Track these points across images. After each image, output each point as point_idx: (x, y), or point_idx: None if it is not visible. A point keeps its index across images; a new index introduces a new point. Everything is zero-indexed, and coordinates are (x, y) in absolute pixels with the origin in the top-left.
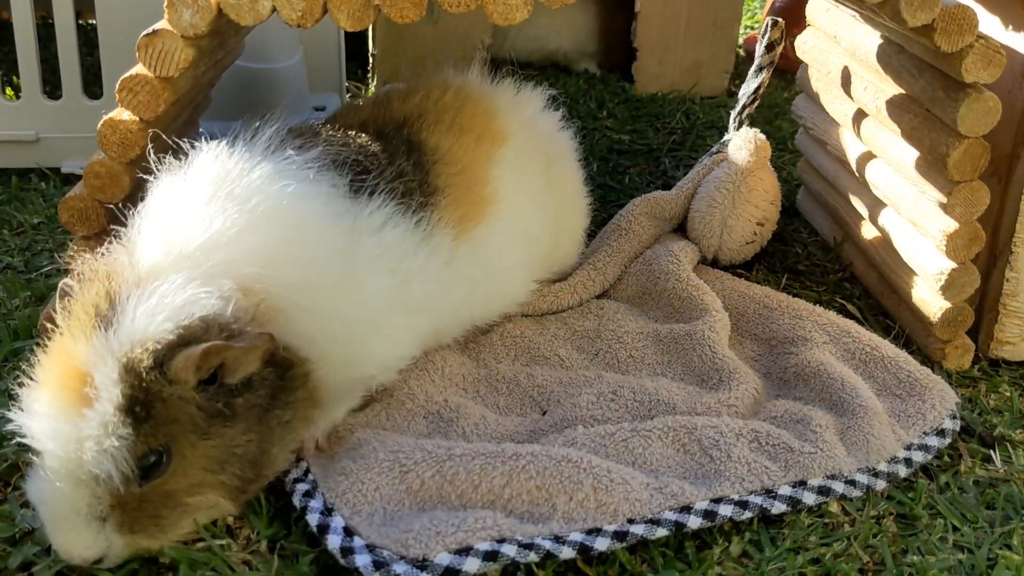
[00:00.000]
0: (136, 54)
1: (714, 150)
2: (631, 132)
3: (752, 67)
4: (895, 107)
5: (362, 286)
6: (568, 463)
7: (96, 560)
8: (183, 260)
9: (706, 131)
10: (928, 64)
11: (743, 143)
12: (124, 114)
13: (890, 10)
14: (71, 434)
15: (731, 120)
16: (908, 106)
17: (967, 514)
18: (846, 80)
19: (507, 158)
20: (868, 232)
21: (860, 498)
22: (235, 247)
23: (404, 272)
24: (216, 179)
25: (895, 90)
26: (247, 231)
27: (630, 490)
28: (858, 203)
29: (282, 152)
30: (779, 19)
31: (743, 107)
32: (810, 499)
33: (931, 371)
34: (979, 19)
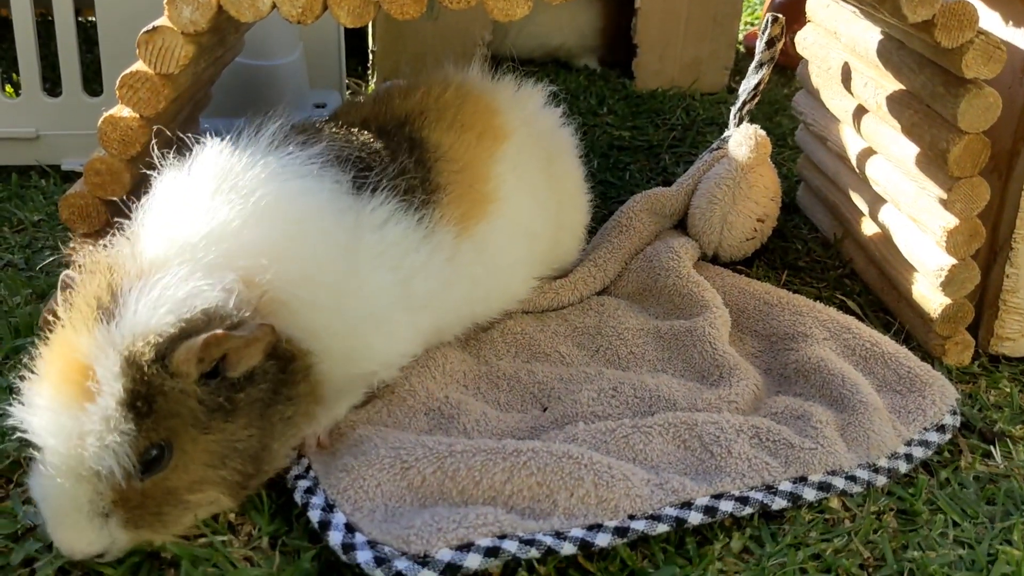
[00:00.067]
0: (136, 51)
1: (714, 146)
2: (631, 128)
3: (752, 63)
4: (895, 103)
5: (364, 283)
6: (569, 459)
7: (98, 555)
8: (186, 251)
9: (706, 127)
10: (928, 60)
11: (743, 139)
12: (124, 111)
13: (890, 6)
14: (72, 429)
15: (731, 116)
16: (908, 102)
17: (967, 510)
18: (846, 76)
19: (508, 155)
20: (868, 228)
21: (860, 494)
22: (238, 239)
23: (406, 269)
24: (220, 173)
25: (895, 86)
26: (250, 224)
27: (631, 486)
28: (858, 199)
29: (285, 148)
30: (779, 15)
31: (743, 103)
32: (811, 495)
33: (931, 367)
34: (979, 15)
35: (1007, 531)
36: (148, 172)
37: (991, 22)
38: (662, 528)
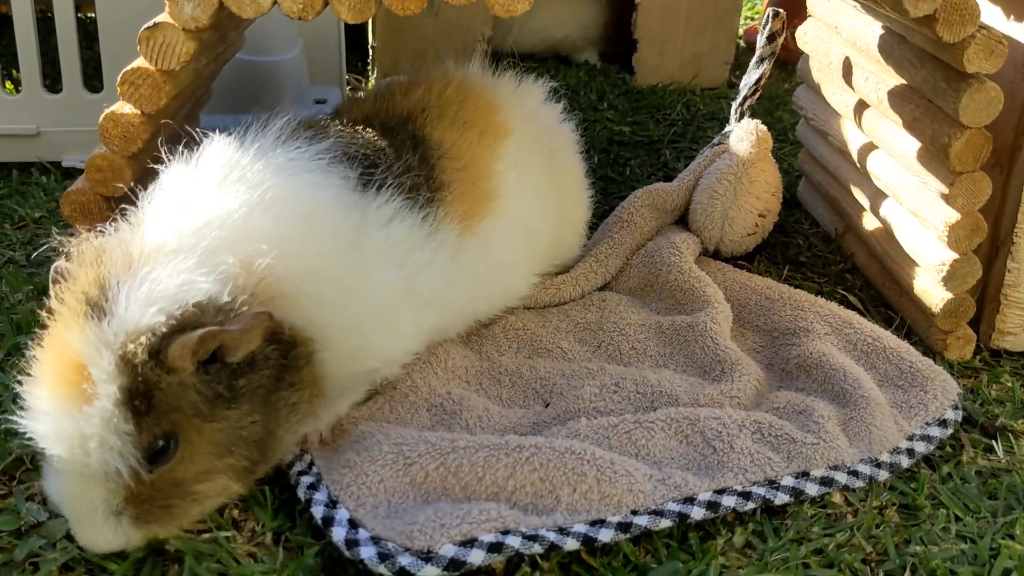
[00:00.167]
0: (137, 47)
1: (715, 141)
2: (632, 124)
3: (753, 58)
4: (896, 98)
5: (369, 279)
6: (571, 455)
7: (119, 550)
8: (185, 238)
9: (707, 122)
10: (930, 54)
11: (744, 134)
12: (126, 107)
13: (892, 1)
14: (73, 433)
15: (732, 111)
16: (910, 96)
17: (969, 504)
18: (847, 71)
19: (510, 152)
20: (869, 223)
21: (863, 489)
22: (241, 226)
23: (411, 266)
24: (227, 166)
25: (896, 80)
26: (256, 214)
27: (633, 482)
28: (859, 194)
29: (293, 143)
30: (780, 10)
31: (744, 98)
32: (813, 490)
33: (933, 362)
34: (981, 10)
35: (1009, 525)
36: (153, 166)
37: (993, 17)
38: (665, 523)
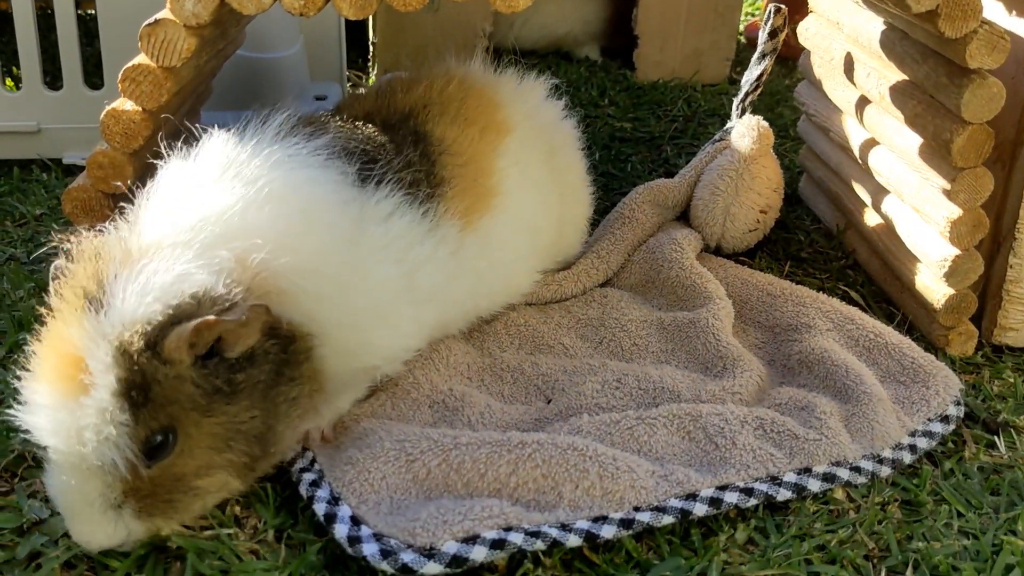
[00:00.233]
0: (138, 44)
1: (717, 137)
2: (633, 120)
3: (755, 54)
4: (898, 93)
5: (368, 275)
6: (574, 451)
7: (117, 547)
8: (181, 233)
9: (708, 119)
10: (932, 50)
11: (746, 131)
12: (127, 104)
13: None
14: (70, 425)
15: (734, 107)
16: (911, 92)
17: (972, 500)
18: (849, 67)
19: (511, 149)
20: (871, 219)
21: (865, 485)
22: (237, 221)
23: (411, 262)
24: (225, 162)
25: (898, 76)
26: (253, 209)
27: (636, 478)
28: (861, 190)
29: (292, 139)
30: (781, 5)
31: (746, 94)
32: (815, 486)
33: (935, 358)
34: (983, 5)
35: (1012, 521)
36: (153, 163)
37: (994, 12)
38: (667, 520)
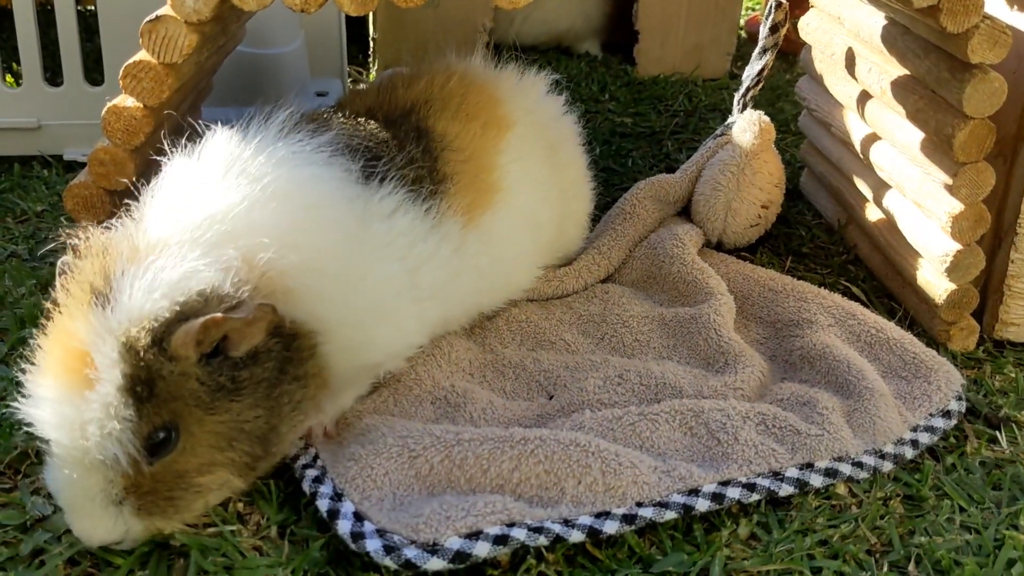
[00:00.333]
0: (139, 40)
1: (718, 132)
2: (633, 115)
3: (756, 49)
4: (900, 88)
5: (372, 273)
6: (576, 447)
7: (116, 543)
8: (187, 231)
9: (708, 114)
10: (933, 45)
11: (747, 125)
12: (128, 101)
13: None
14: (75, 419)
15: (735, 102)
16: (913, 87)
17: (973, 495)
18: (850, 61)
19: (513, 145)
20: (872, 214)
21: (867, 480)
22: (242, 219)
23: (414, 259)
24: (229, 159)
25: (900, 71)
26: (257, 207)
27: (638, 473)
28: (862, 185)
29: (296, 136)
30: (783, 0)
31: (747, 89)
32: (817, 481)
33: (936, 353)
34: (984, 0)
35: (1013, 516)
36: (155, 160)
37: (996, 7)
38: (670, 515)
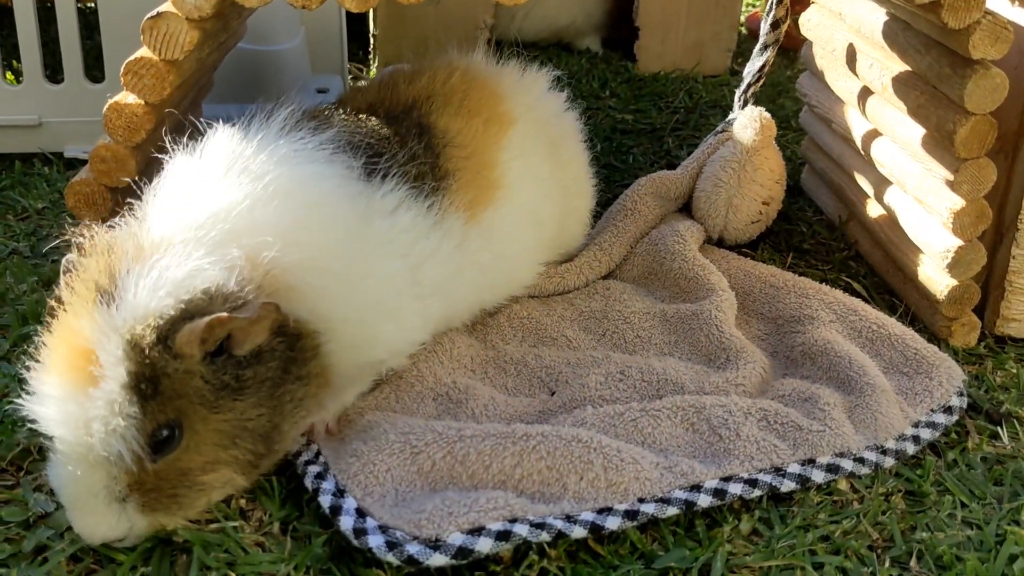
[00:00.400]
0: (141, 37)
1: (719, 129)
2: (634, 112)
3: (757, 45)
4: (901, 84)
5: (374, 270)
6: (578, 443)
7: (119, 540)
8: (191, 229)
9: (709, 110)
10: (935, 41)
11: (748, 122)
12: (129, 98)
13: None
14: (79, 416)
15: (736, 99)
16: (914, 83)
17: (975, 491)
18: (851, 57)
19: (514, 142)
20: (873, 210)
21: (869, 475)
22: (245, 218)
23: (416, 256)
24: (231, 156)
25: (901, 67)
26: (260, 205)
27: (640, 469)
28: (863, 181)
29: (297, 133)
30: None
31: (748, 85)
32: (819, 477)
33: (937, 348)
34: None
35: (1015, 511)
36: (157, 157)
37: (997, 2)
38: (672, 511)
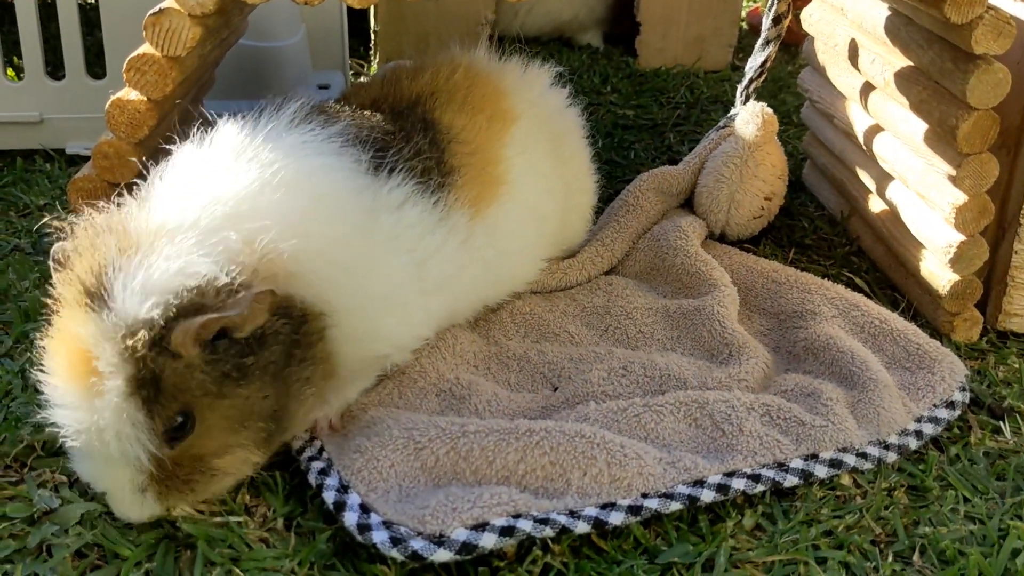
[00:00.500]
0: (143, 33)
1: (721, 124)
2: (635, 107)
3: (759, 41)
4: (903, 79)
5: (379, 264)
6: (581, 439)
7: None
8: (189, 213)
9: (710, 105)
10: (937, 36)
11: (750, 117)
12: (132, 94)
13: None
14: (90, 424)
15: (738, 94)
16: (916, 78)
17: (978, 485)
18: (853, 53)
19: (518, 138)
20: (875, 205)
21: (871, 470)
22: (248, 204)
23: (421, 252)
24: (240, 146)
25: (903, 62)
26: (267, 192)
27: (643, 465)
28: (865, 176)
29: (306, 126)
30: None
31: (750, 81)
32: (822, 472)
33: (940, 344)
34: None
35: (1018, 506)
36: (160, 151)
37: None
38: (675, 506)
